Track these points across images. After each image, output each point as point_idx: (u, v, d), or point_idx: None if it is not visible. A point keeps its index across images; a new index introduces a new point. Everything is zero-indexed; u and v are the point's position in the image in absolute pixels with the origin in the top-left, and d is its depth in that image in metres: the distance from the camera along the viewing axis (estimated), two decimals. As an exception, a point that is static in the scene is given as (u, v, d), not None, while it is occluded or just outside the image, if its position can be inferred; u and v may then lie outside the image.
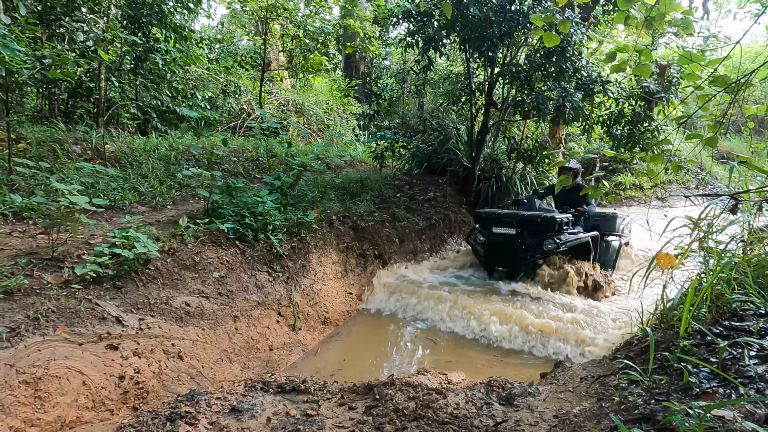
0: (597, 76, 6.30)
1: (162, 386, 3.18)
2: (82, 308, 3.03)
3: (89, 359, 2.90)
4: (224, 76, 10.69)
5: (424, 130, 8.67)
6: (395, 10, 7.46)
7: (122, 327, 3.15)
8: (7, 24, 5.05)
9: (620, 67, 3.49)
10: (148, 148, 6.32)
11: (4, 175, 4.38)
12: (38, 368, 2.68)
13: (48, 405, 2.65)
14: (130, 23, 7.40)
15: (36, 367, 2.68)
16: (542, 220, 5.48)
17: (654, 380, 2.21)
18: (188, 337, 3.50)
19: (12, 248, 3.36)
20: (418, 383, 2.66)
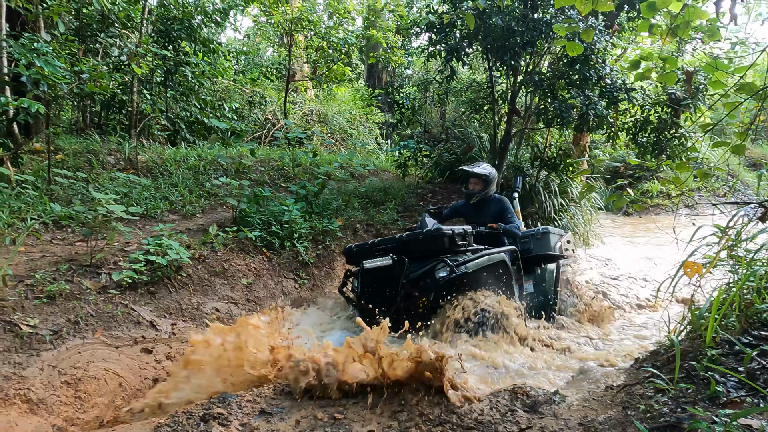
0: (621, 84, 6.26)
1: (193, 389, 3.28)
2: (119, 313, 3.17)
3: (125, 362, 3.03)
4: (250, 87, 10.94)
5: (447, 139, 8.71)
6: (417, 20, 7.56)
7: (156, 331, 3.27)
8: (48, 41, 5.31)
9: (645, 75, 3.49)
10: (178, 159, 6.52)
11: (45, 185, 4.59)
12: (78, 369, 2.81)
13: (87, 405, 2.78)
14: (161, 38, 7.67)
15: (76, 369, 2.81)
16: (425, 237, 3.87)
17: (680, 389, 2.21)
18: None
19: (53, 255, 3.53)
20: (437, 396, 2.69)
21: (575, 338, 4.35)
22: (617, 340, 4.58)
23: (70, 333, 2.91)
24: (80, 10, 6.55)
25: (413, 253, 3.97)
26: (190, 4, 8.06)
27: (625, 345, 4.32)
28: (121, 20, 7.30)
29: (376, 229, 5.90)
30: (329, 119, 11.56)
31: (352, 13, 11.14)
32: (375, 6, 11.61)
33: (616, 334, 4.74)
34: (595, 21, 5.96)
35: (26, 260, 3.38)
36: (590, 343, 4.31)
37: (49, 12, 5.29)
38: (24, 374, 2.67)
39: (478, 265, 3.87)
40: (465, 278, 3.82)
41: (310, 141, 9.83)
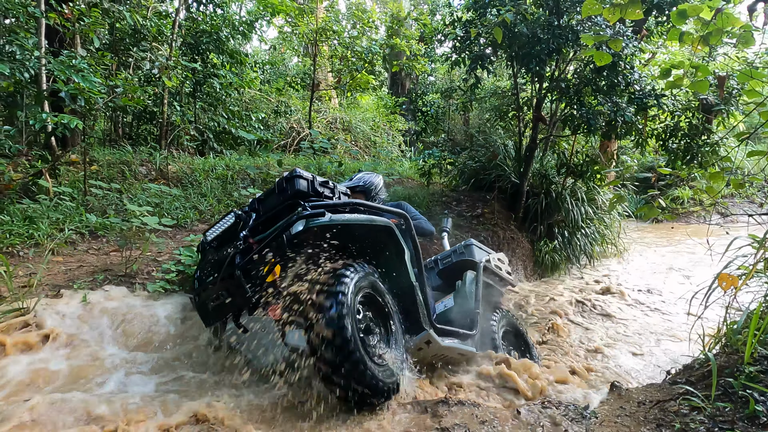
0: (651, 90, 6.14)
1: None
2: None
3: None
4: (276, 97, 11.12)
5: (471, 146, 8.69)
6: (441, 29, 7.58)
7: (187, 340, 3.34)
8: (84, 56, 5.51)
9: (675, 83, 3.43)
10: (206, 168, 6.66)
11: (81, 196, 4.75)
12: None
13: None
14: (191, 50, 7.87)
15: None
16: (278, 184, 2.79)
17: (717, 407, 2.15)
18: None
19: (90, 265, 3.64)
20: (470, 402, 2.68)
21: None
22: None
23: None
24: (114, 26, 6.77)
25: (263, 205, 2.89)
26: (218, 17, 8.26)
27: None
28: (153, 35, 7.52)
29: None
30: (353, 127, 11.65)
31: (376, 22, 11.24)
32: (398, 15, 11.68)
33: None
34: (623, 27, 5.87)
35: (65, 270, 3.50)
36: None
37: (85, 28, 5.49)
38: (63, 381, 2.77)
39: (349, 220, 2.70)
40: (329, 234, 2.66)
41: (335, 149, 9.92)
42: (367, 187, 3.87)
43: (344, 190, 3.02)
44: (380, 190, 3.95)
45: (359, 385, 2.38)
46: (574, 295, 6.21)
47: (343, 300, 2.40)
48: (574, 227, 7.45)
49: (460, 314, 3.72)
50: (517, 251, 7.00)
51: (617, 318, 5.57)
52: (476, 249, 4.09)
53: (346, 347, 2.33)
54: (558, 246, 7.24)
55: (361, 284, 2.63)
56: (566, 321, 5.40)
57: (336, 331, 2.33)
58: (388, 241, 2.99)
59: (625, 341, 4.93)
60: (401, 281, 3.03)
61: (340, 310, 2.37)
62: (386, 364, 2.62)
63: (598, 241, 7.82)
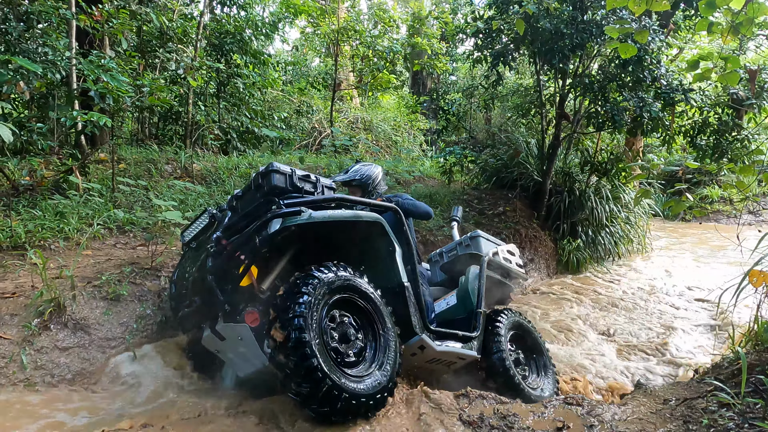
0: (678, 85, 6.00)
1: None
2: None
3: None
4: (298, 97, 11.23)
5: (493, 144, 8.62)
6: (463, 27, 7.54)
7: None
8: (113, 57, 5.66)
9: (704, 75, 3.34)
10: (230, 167, 6.76)
11: (109, 192, 4.87)
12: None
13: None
14: (215, 51, 8.01)
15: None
16: (254, 180, 2.64)
17: (747, 404, 2.09)
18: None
19: (117, 258, 3.74)
20: (492, 396, 2.66)
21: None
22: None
23: (132, 333, 3.08)
24: (141, 28, 6.93)
25: (241, 202, 2.74)
26: (241, 18, 8.39)
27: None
28: (178, 36, 7.67)
29: (422, 235, 5.90)
30: (374, 127, 11.68)
31: (397, 21, 11.25)
32: (420, 13, 11.68)
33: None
34: (649, 21, 5.75)
35: (93, 263, 3.60)
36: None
37: (113, 30, 5.63)
38: (91, 369, 2.85)
39: (332, 217, 2.51)
40: (309, 233, 2.50)
41: (356, 148, 9.96)
42: (364, 181, 3.58)
43: (329, 184, 2.80)
44: (379, 182, 3.67)
45: (335, 410, 2.18)
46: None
47: (300, 324, 2.15)
48: (598, 225, 7.33)
49: (460, 314, 3.46)
50: (540, 250, 6.92)
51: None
52: (483, 241, 3.77)
53: (312, 376, 2.11)
54: (582, 244, 7.13)
55: (331, 291, 2.38)
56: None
57: (297, 361, 2.12)
58: (378, 237, 2.80)
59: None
60: (391, 281, 2.82)
61: (299, 337, 2.13)
62: (371, 373, 2.41)
63: (623, 239, 7.67)
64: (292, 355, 2.12)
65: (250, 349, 2.47)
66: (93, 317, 3.03)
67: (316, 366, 2.12)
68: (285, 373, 2.18)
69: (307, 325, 2.16)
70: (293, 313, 2.18)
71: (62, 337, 2.86)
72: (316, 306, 2.26)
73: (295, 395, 2.19)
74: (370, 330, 2.56)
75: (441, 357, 3.04)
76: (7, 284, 3.12)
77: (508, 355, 3.26)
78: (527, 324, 3.72)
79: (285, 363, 2.16)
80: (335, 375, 2.19)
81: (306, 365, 2.11)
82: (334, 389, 2.14)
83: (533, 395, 3.19)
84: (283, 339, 2.16)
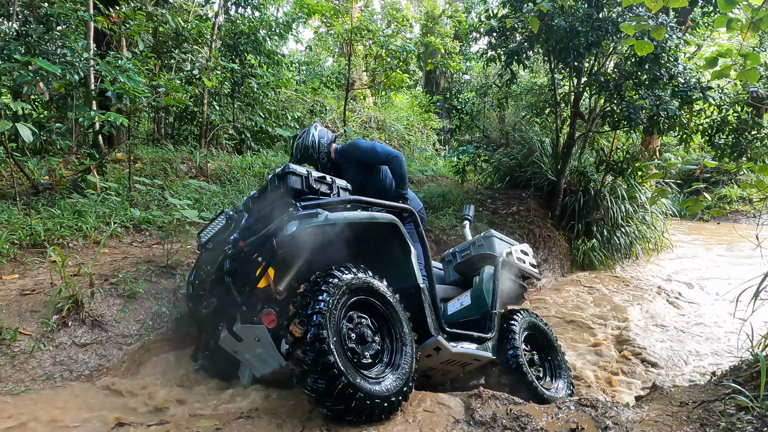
0: (696, 83, 5.91)
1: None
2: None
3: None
4: (311, 96, 11.27)
5: (507, 144, 8.57)
6: (476, 25, 7.51)
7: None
8: (129, 58, 5.74)
9: (722, 72, 3.28)
10: (244, 166, 6.82)
11: (126, 191, 4.94)
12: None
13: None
14: (229, 51, 8.07)
15: (154, 363, 3.01)
16: (270, 182, 2.68)
17: (766, 407, 2.05)
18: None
19: (133, 256, 3.79)
20: (505, 397, 2.65)
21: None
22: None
23: (147, 329, 3.12)
24: (157, 29, 7.01)
25: (256, 203, 2.77)
26: (255, 19, 8.44)
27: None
28: (193, 37, 7.75)
29: (435, 234, 5.89)
30: (387, 126, 11.68)
31: (411, 20, 11.24)
32: (433, 12, 11.65)
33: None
34: (666, 18, 5.67)
35: (110, 261, 3.66)
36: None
37: (130, 31, 5.71)
38: (108, 365, 2.90)
39: (347, 218, 2.53)
40: (325, 235, 2.49)
41: (369, 148, 9.95)
42: (309, 154, 3.60)
43: (344, 185, 2.84)
44: (320, 143, 3.61)
45: (349, 409, 2.18)
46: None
47: (319, 321, 2.18)
48: (613, 225, 7.25)
49: (476, 314, 3.43)
50: (554, 249, 6.87)
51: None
52: (497, 241, 3.74)
53: (328, 372, 2.12)
54: (596, 244, 7.06)
55: (349, 292, 2.40)
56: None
57: (314, 357, 2.14)
58: (393, 238, 2.79)
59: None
60: (407, 282, 2.82)
61: (317, 333, 2.16)
62: (387, 376, 2.41)
63: (639, 239, 7.58)
64: (310, 351, 2.14)
65: (266, 350, 2.50)
66: (110, 314, 3.08)
67: (332, 363, 2.13)
68: (302, 369, 2.19)
69: (326, 323, 2.19)
70: (313, 310, 2.21)
71: (80, 334, 2.91)
72: (335, 305, 2.28)
73: (311, 392, 2.19)
74: (387, 333, 2.57)
75: (456, 358, 3.03)
76: (27, 281, 3.19)
77: (522, 356, 3.24)
78: (542, 324, 3.69)
79: (302, 358, 2.17)
80: (351, 373, 2.20)
81: (323, 361, 2.12)
82: (349, 387, 2.15)
83: (547, 396, 3.17)
84: (302, 334, 2.18)
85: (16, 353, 2.65)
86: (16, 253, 3.49)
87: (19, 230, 3.67)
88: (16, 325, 2.76)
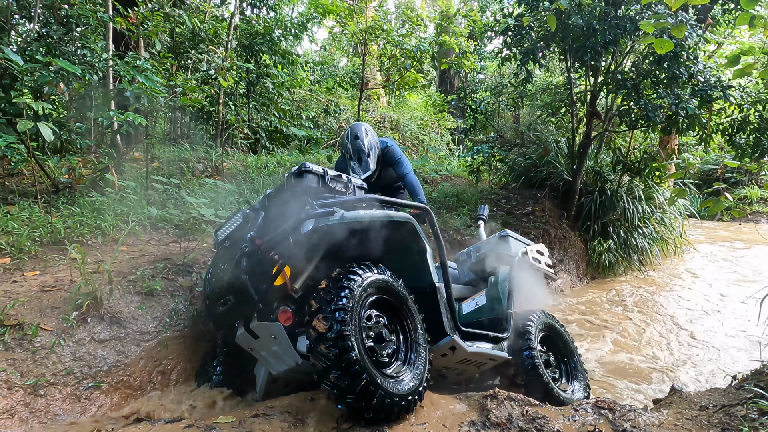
0: (716, 81, 5.80)
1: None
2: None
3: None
4: (325, 96, 11.31)
5: (522, 143, 8.51)
6: (492, 24, 7.46)
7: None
8: (147, 58, 5.81)
9: (745, 71, 3.22)
10: (259, 166, 6.87)
11: (143, 190, 5.00)
12: (171, 360, 3.04)
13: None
14: (245, 52, 8.13)
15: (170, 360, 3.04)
16: (287, 180, 2.68)
17: (791, 412, 2.01)
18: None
19: (151, 254, 3.83)
20: (521, 398, 2.63)
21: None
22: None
23: (165, 327, 3.16)
24: (174, 30, 7.10)
25: (272, 200, 2.77)
26: (271, 19, 8.49)
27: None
28: (210, 37, 7.82)
29: (449, 234, 5.87)
30: (401, 126, 11.67)
31: (425, 20, 11.20)
32: (448, 12, 11.60)
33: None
34: (686, 15, 5.58)
35: (128, 258, 3.71)
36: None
37: (148, 32, 5.78)
38: (126, 362, 2.94)
39: (363, 218, 2.51)
40: (341, 234, 2.46)
41: (383, 147, 9.96)
42: (380, 155, 3.82)
43: (360, 184, 2.83)
44: (375, 144, 3.79)
45: (370, 406, 2.17)
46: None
47: (342, 317, 2.18)
48: (630, 226, 7.15)
49: (490, 315, 3.40)
50: (569, 250, 6.80)
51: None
52: (512, 240, 3.71)
53: (351, 369, 2.12)
54: (613, 245, 6.98)
55: (369, 290, 2.41)
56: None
57: (337, 352, 2.13)
58: (409, 238, 2.78)
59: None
60: (423, 282, 2.82)
61: (341, 329, 2.16)
62: (403, 376, 2.41)
63: (657, 240, 7.47)
64: (333, 346, 2.13)
65: (282, 348, 2.50)
66: (128, 311, 3.12)
67: (355, 359, 2.13)
68: (324, 365, 2.17)
69: (349, 319, 2.19)
70: (336, 306, 2.21)
71: (99, 330, 2.95)
72: (357, 302, 2.28)
73: (332, 388, 2.17)
74: (403, 331, 2.56)
75: (472, 358, 3.01)
76: (47, 278, 3.24)
77: (538, 357, 3.21)
78: (558, 325, 3.65)
79: (325, 354, 2.15)
80: (373, 371, 2.20)
81: (346, 357, 2.12)
82: (371, 385, 2.14)
83: (563, 398, 3.14)
84: (325, 330, 2.17)
85: (37, 348, 2.69)
86: (37, 250, 3.55)
87: (40, 228, 3.74)
88: (38, 320, 2.81)
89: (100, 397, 2.75)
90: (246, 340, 2.59)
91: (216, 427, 2.24)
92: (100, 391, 2.76)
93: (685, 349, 4.73)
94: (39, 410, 2.52)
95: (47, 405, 2.56)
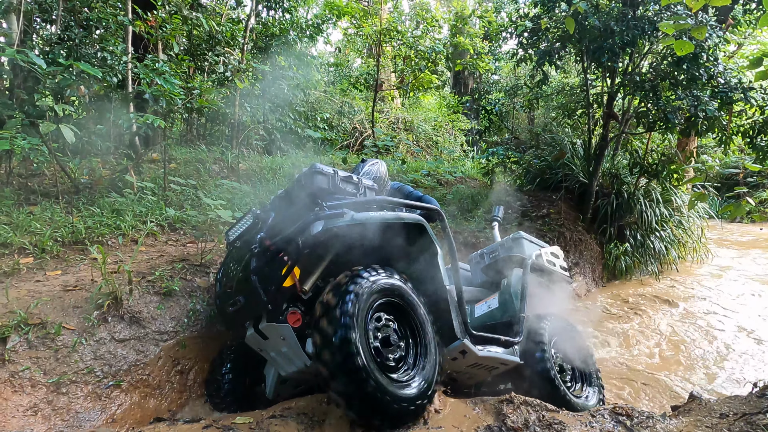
0: (737, 83, 5.70)
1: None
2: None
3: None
4: (340, 97, 11.35)
5: (537, 145, 8.46)
6: (507, 26, 7.43)
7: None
8: (165, 61, 5.88)
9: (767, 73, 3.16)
10: (274, 167, 6.91)
11: (161, 191, 5.07)
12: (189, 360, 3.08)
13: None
14: (260, 53, 8.20)
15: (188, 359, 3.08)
16: (297, 180, 2.64)
17: (815, 422, 1.97)
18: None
19: (169, 255, 3.89)
20: (537, 403, 2.62)
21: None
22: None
23: (183, 327, 3.20)
24: (191, 32, 7.18)
25: (282, 201, 2.75)
26: (286, 21, 8.55)
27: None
28: (226, 39, 7.89)
29: (464, 236, 5.86)
30: (415, 127, 11.67)
31: (440, 21, 11.18)
32: (462, 13, 11.56)
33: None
34: (707, 16, 5.50)
35: (147, 258, 3.76)
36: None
37: (166, 35, 5.86)
38: (146, 361, 2.98)
39: (373, 219, 2.49)
40: (351, 235, 2.47)
41: (397, 148, 9.98)
42: (376, 182, 3.48)
43: (370, 185, 2.81)
44: (386, 179, 3.68)
45: (377, 412, 2.16)
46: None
47: (347, 322, 2.15)
48: (647, 229, 7.06)
49: (503, 318, 3.35)
50: (585, 253, 6.74)
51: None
52: (526, 243, 3.64)
53: (356, 375, 2.09)
54: (630, 249, 6.90)
55: (376, 294, 2.37)
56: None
57: (342, 359, 2.10)
58: (420, 239, 2.76)
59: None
60: (433, 284, 2.78)
61: (345, 335, 2.12)
62: (412, 380, 2.37)
63: (675, 244, 7.37)
64: (338, 353, 2.11)
65: (291, 349, 2.51)
66: (147, 311, 3.17)
67: (361, 364, 2.11)
68: (329, 371, 2.15)
69: (354, 324, 2.16)
70: (340, 311, 2.18)
71: (119, 329, 3.00)
72: (362, 306, 2.26)
73: (338, 394, 2.16)
74: (412, 335, 2.53)
75: (483, 362, 2.97)
76: (69, 277, 3.30)
77: (552, 361, 3.18)
78: (571, 329, 3.60)
79: (330, 360, 2.14)
80: (379, 376, 2.17)
81: (351, 363, 2.10)
82: (378, 391, 2.13)
83: (577, 403, 3.10)
84: (330, 335, 2.16)
85: (60, 347, 2.74)
86: (58, 250, 3.61)
87: (62, 228, 3.81)
88: (60, 319, 2.87)
89: (120, 396, 2.80)
90: (255, 340, 2.61)
91: (234, 427, 2.27)
92: (120, 390, 2.81)
93: (702, 353, 4.66)
94: (61, 408, 2.57)
95: (69, 403, 2.61)
